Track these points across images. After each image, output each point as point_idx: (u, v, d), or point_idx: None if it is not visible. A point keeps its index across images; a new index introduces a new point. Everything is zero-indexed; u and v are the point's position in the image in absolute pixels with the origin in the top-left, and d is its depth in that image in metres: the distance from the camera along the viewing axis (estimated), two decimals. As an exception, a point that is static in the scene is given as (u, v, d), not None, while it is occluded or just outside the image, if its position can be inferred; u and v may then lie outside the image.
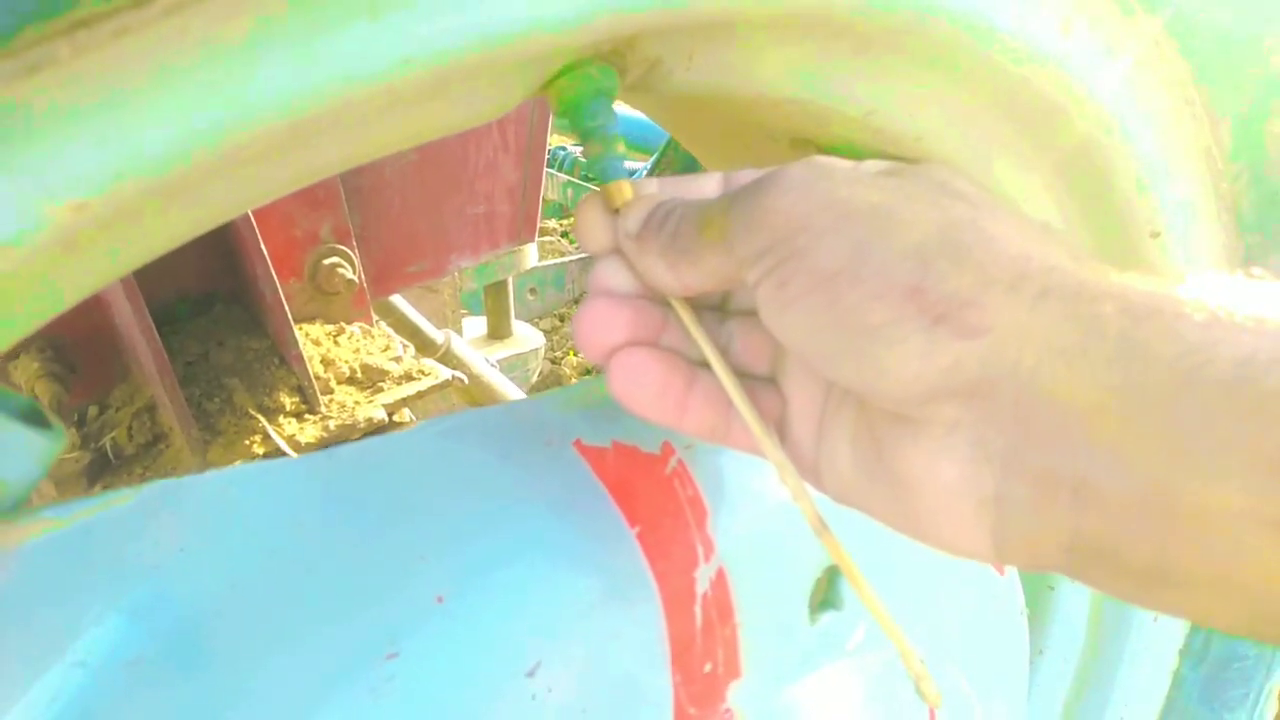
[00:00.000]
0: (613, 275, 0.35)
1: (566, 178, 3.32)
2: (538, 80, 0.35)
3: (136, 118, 0.20)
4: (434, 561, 0.35)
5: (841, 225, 0.28)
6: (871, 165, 0.34)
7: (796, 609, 0.44)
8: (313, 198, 0.89)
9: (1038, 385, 0.26)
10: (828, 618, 0.46)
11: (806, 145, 0.61)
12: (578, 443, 0.40)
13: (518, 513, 0.37)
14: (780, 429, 0.36)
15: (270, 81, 0.22)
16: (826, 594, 0.47)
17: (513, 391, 1.33)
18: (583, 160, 3.35)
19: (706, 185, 0.36)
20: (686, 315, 0.35)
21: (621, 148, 0.37)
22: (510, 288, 1.82)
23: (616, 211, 0.36)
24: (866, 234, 0.28)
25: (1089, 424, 0.25)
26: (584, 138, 0.37)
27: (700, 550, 0.40)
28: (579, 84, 0.36)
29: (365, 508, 0.36)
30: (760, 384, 0.36)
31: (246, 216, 0.77)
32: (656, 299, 0.35)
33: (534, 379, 1.95)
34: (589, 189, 3.24)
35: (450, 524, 0.36)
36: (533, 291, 2.70)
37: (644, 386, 0.34)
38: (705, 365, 0.35)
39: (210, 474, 0.35)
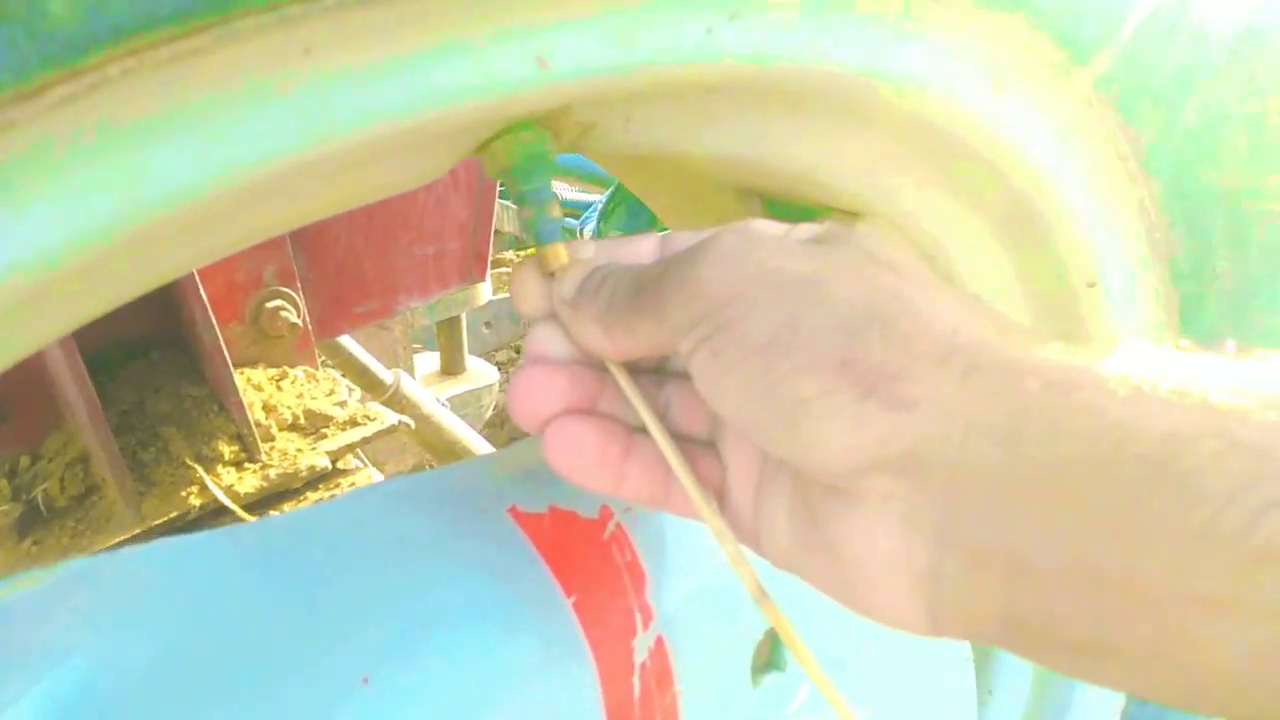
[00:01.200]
0: (548, 341, 0.35)
1: (523, 210, 3.30)
2: (471, 145, 0.35)
3: (20, 212, 0.19)
4: (360, 638, 0.34)
5: (772, 296, 0.28)
6: (803, 231, 0.34)
7: (738, 672, 0.43)
8: (256, 240, 0.88)
9: (966, 460, 0.26)
10: (770, 679, 0.45)
11: (751, 196, 0.62)
12: (513, 509, 0.39)
13: (449, 584, 0.36)
14: (719, 494, 0.35)
15: (169, 168, 0.21)
16: (770, 656, 0.46)
17: (464, 431, 1.31)
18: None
19: (643, 248, 0.36)
20: (624, 380, 0.34)
21: (557, 210, 0.37)
22: (464, 323, 1.81)
23: (552, 275, 0.35)
24: (796, 305, 0.28)
25: (1017, 499, 0.25)
26: (518, 201, 0.36)
27: (639, 618, 0.39)
28: (513, 148, 0.35)
29: (290, 583, 0.34)
30: (699, 448, 0.36)
31: (185, 261, 0.75)
32: (593, 363, 0.35)
33: (488, 414, 1.93)
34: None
35: (379, 599, 0.35)
36: (488, 325, 2.69)
37: (579, 455, 0.33)
38: (643, 430, 0.35)
39: (125, 551, 0.34)
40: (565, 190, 3.30)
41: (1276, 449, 0.22)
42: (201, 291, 0.77)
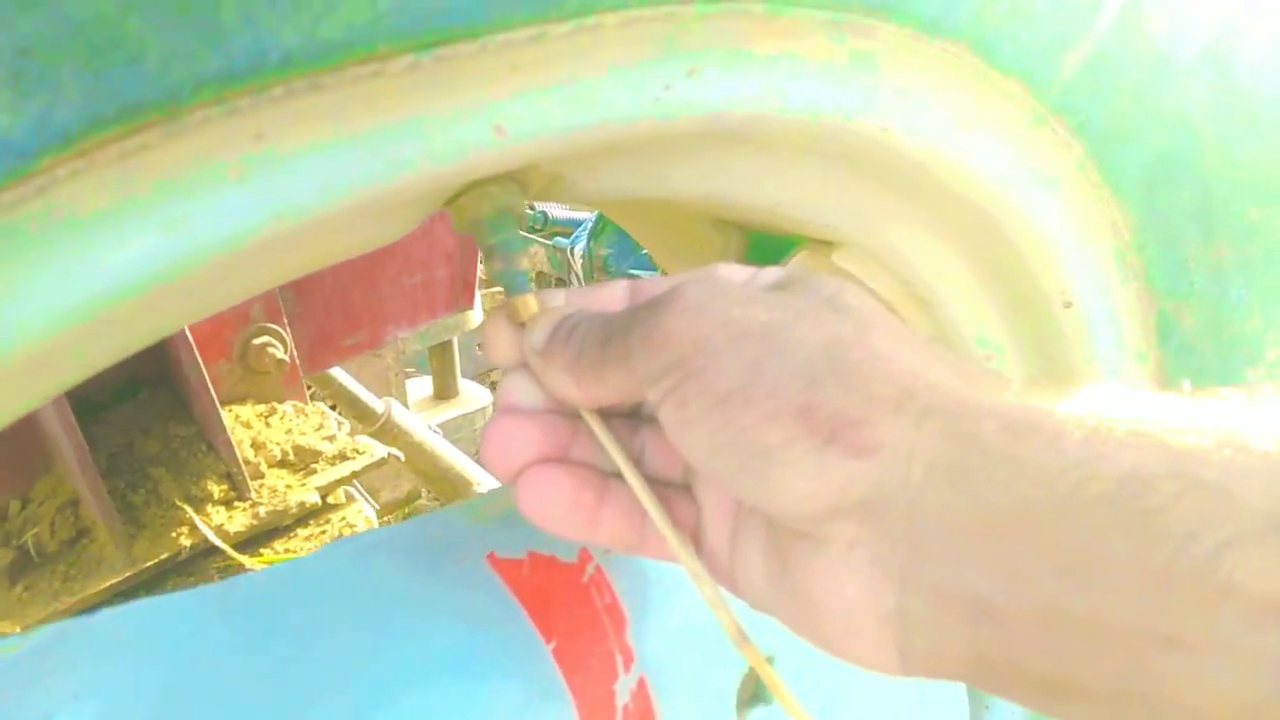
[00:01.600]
0: (519, 390, 0.35)
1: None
2: (438, 201, 0.36)
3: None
4: (340, 693, 0.34)
5: (735, 346, 0.29)
6: (767, 277, 0.34)
7: (724, 709, 0.44)
8: (241, 277, 0.88)
9: (926, 503, 0.27)
10: (757, 713, 0.45)
11: (728, 227, 0.62)
12: (491, 556, 0.39)
13: (427, 637, 0.36)
14: (695, 537, 0.36)
15: (117, 259, 0.22)
16: (756, 689, 0.47)
17: (457, 457, 1.31)
18: (529, 213, 3.36)
19: (614, 295, 0.37)
20: (597, 426, 0.35)
21: (525, 262, 0.37)
22: (455, 347, 1.81)
23: (522, 325, 0.36)
24: (758, 354, 0.29)
25: (977, 541, 0.26)
26: (486, 254, 0.37)
27: (619, 660, 0.39)
28: (480, 203, 0.36)
29: (268, 639, 0.35)
30: (674, 491, 0.36)
31: (170, 303, 0.76)
32: (566, 411, 0.35)
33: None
34: (535, 241, 3.25)
35: (358, 652, 0.35)
36: (480, 346, 2.69)
37: (553, 504, 0.34)
38: (618, 475, 0.35)
39: (103, 613, 0.34)
40: (555, 209, 3.31)
41: (1235, 487, 0.23)
42: (187, 331, 0.77)
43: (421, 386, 1.89)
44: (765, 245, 0.60)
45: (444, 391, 1.82)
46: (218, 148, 0.22)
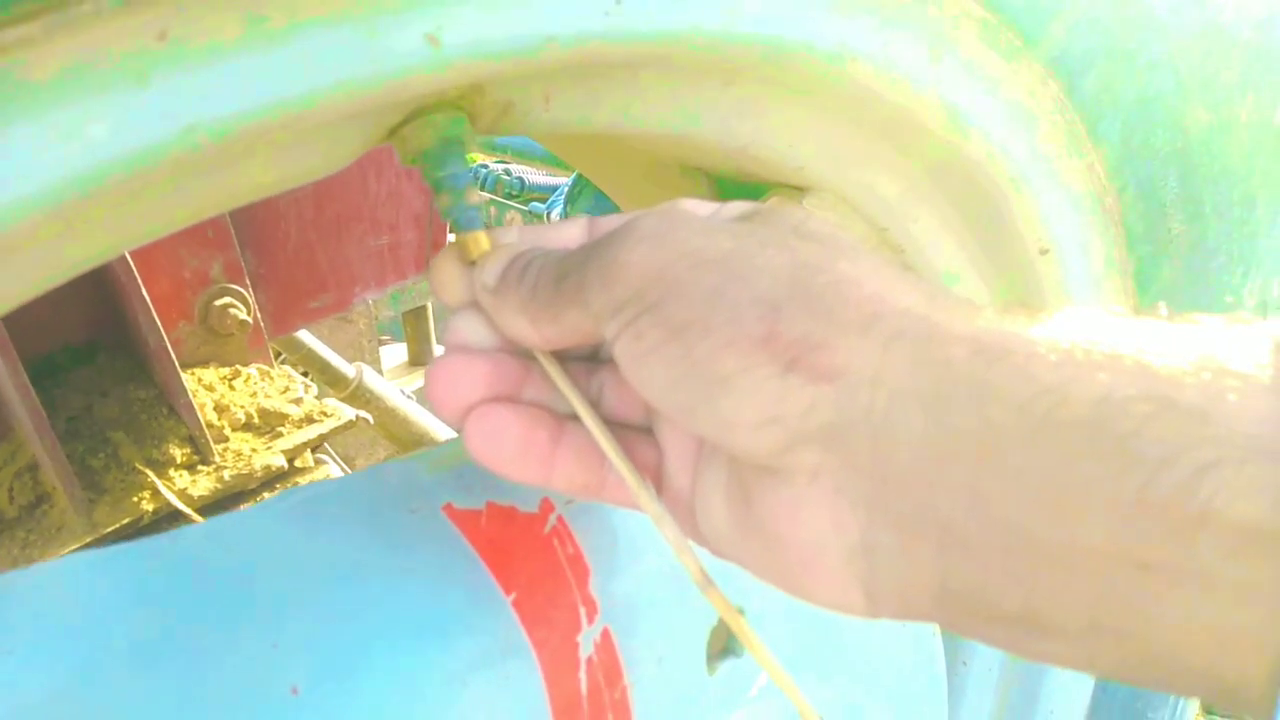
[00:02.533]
0: (469, 329, 0.34)
1: (488, 196, 3.29)
2: (380, 130, 0.34)
3: None
4: (287, 648, 0.32)
5: (694, 275, 0.28)
6: (730, 210, 0.33)
7: (693, 661, 0.42)
8: (201, 236, 0.86)
9: (892, 430, 0.25)
10: (727, 665, 0.44)
11: (697, 174, 0.60)
12: (448, 507, 0.38)
13: (381, 588, 0.35)
14: (657, 481, 0.34)
15: (25, 167, 0.20)
16: (726, 642, 0.46)
17: (431, 423, 1.30)
18: (505, 179, 3.32)
19: (570, 232, 0.35)
20: (552, 367, 0.33)
21: (475, 196, 0.35)
22: (430, 312, 1.79)
23: (473, 263, 0.34)
24: (718, 282, 0.27)
25: (945, 468, 0.25)
26: (434, 188, 0.35)
27: (583, 612, 0.38)
28: (425, 133, 0.34)
29: (212, 594, 0.33)
30: (635, 435, 0.34)
31: (124, 259, 0.73)
32: (518, 352, 0.34)
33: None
34: (512, 207, 3.21)
35: (306, 606, 0.33)
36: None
37: (504, 445, 0.32)
38: (574, 418, 0.33)
39: (37, 567, 0.33)
40: (531, 174, 3.27)
41: (1212, 410, 0.21)
42: (144, 291, 0.75)
43: (395, 355, 1.87)
44: (735, 194, 0.59)
45: (419, 358, 1.80)
46: (115, 43, 0.20)
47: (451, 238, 0.36)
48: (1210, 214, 0.65)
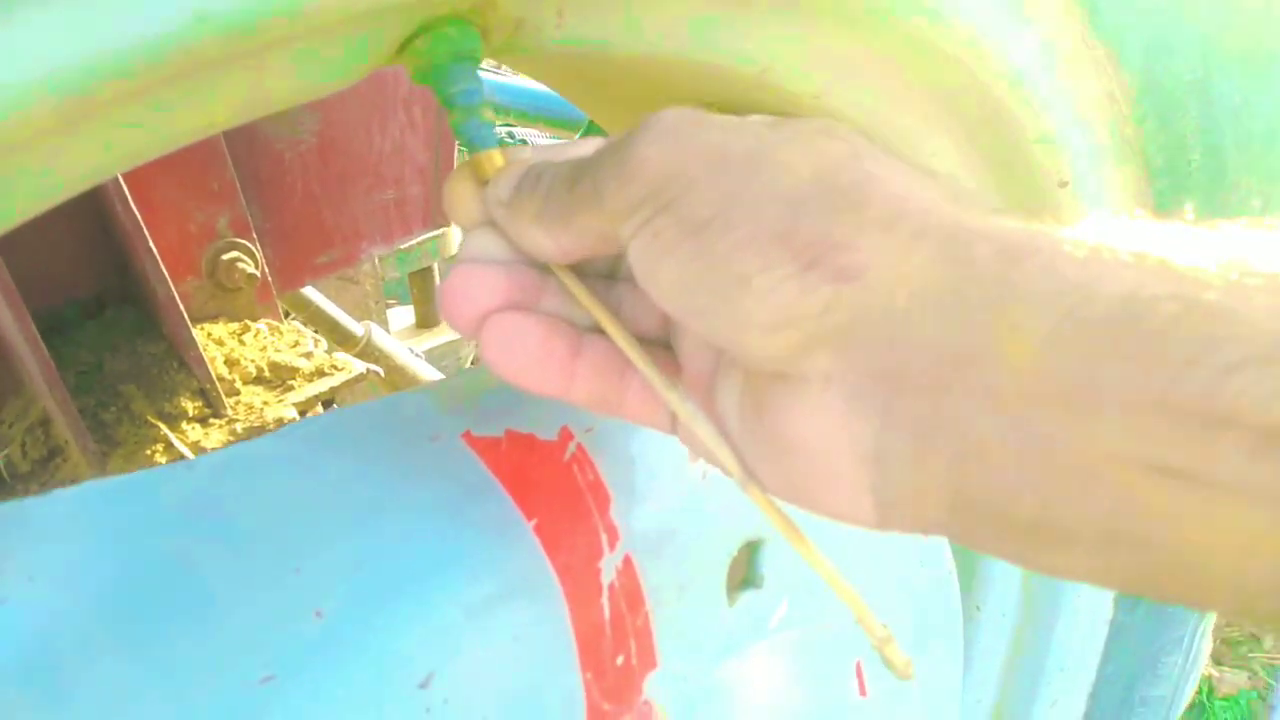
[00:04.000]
0: (484, 244, 0.33)
1: (493, 159, 3.26)
2: (390, 44, 0.33)
3: None
4: (309, 573, 0.32)
5: (714, 172, 0.27)
6: (755, 118, 0.32)
7: (713, 591, 0.42)
8: (207, 190, 0.85)
9: (910, 330, 0.25)
10: (747, 597, 0.44)
11: (712, 110, 0.59)
12: (467, 434, 0.37)
13: (401, 514, 0.34)
14: None
15: (39, 56, 0.19)
16: (746, 573, 0.45)
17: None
18: (510, 142, 3.29)
19: (585, 150, 0.34)
20: (569, 279, 0.32)
21: (490, 114, 0.35)
22: (436, 274, 1.78)
23: (486, 182, 0.33)
24: (739, 180, 0.26)
25: (963, 369, 0.24)
26: (446, 105, 0.34)
27: (604, 539, 0.38)
28: (436, 47, 0.33)
29: (231, 520, 0.33)
30: (653, 348, 0.33)
31: (130, 211, 0.73)
32: (535, 266, 0.33)
33: (468, 365, 1.91)
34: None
35: (326, 532, 0.33)
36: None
37: (522, 351, 0.31)
38: (593, 331, 0.32)
39: (57, 493, 0.32)
40: (536, 137, 3.25)
41: (1238, 310, 0.21)
42: (151, 244, 0.74)
43: (404, 316, 1.86)
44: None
45: (426, 320, 1.79)
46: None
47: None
48: (1230, 147, 0.63)
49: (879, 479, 0.26)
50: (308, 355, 0.86)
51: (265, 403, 0.80)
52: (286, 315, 1.12)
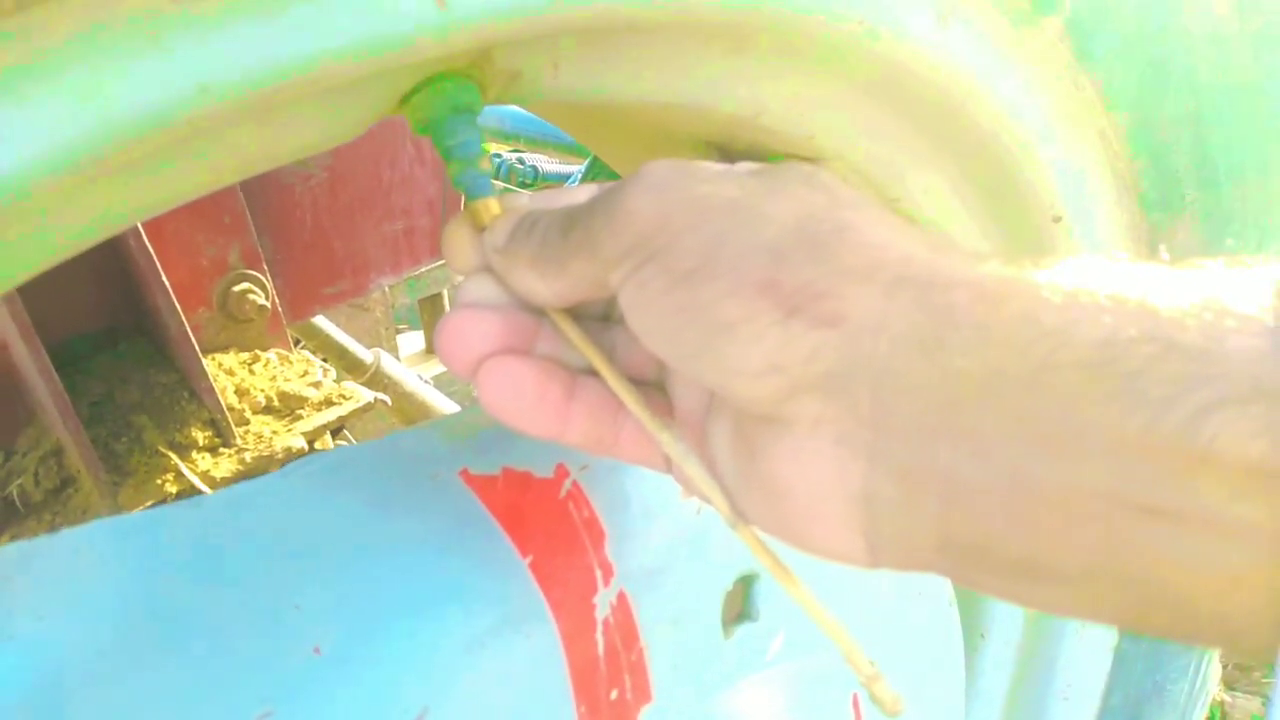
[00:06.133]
0: (481, 289, 0.34)
1: (503, 185, 3.29)
2: (390, 99, 0.34)
3: None
4: (309, 610, 0.33)
5: (699, 222, 0.28)
6: (742, 167, 0.33)
7: (709, 625, 0.43)
8: (218, 223, 0.87)
9: (894, 375, 0.25)
10: (744, 630, 0.45)
11: (708, 148, 0.60)
12: (464, 473, 0.38)
13: (399, 552, 0.35)
14: None
15: (41, 128, 0.20)
16: (742, 606, 0.46)
17: (449, 407, 1.30)
18: (519, 168, 3.32)
19: (579, 197, 0.35)
20: (564, 322, 0.33)
21: (487, 164, 0.36)
22: (446, 300, 1.80)
23: (484, 229, 0.34)
24: (723, 230, 0.27)
25: (947, 414, 0.25)
26: (445, 156, 0.35)
27: (599, 575, 0.38)
28: (435, 101, 0.34)
29: (234, 558, 0.34)
30: (647, 389, 0.34)
31: (143, 245, 0.74)
32: (530, 310, 0.34)
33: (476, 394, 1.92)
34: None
35: (326, 570, 0.34)
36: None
37: (518, 395, 0.32)
38: (587, 374, 0.33)
39: (65, 533, 0.33)
40: (544, 162, 3.27)
41: (1214, 350, 0.21)
42: (163, 277, 0.76)
43: (413, 342, 1.88)
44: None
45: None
46: (128, 4, 0.20)
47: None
48: (1224, 180, 0.64)
49: (868, 521, 0.27)
50: (316, 385, 0.87)
51: (275, 432, 0.81)
52: (296, 343, 1.13)
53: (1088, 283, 0.24)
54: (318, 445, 0.85)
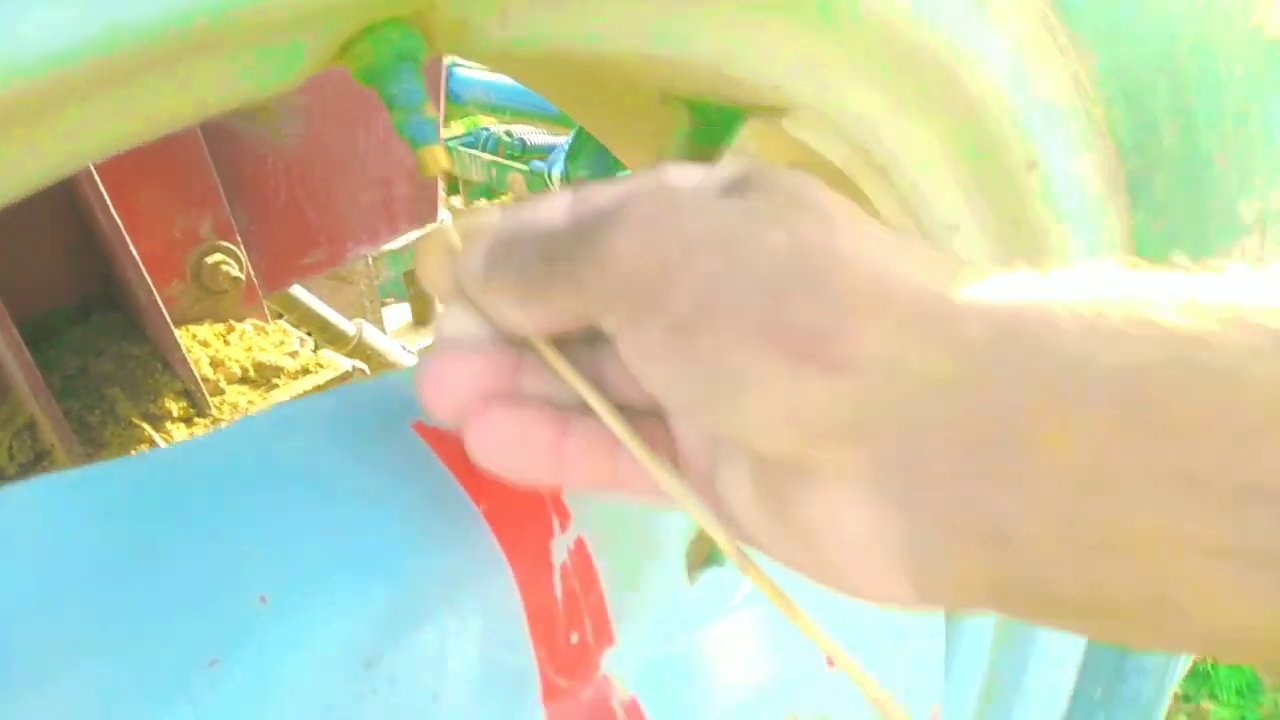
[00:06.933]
0: (459, 323, 0.31)
1: (490, 158, 3.28)
2: (330, 47, 0.33)
3: None
4: (256, 559, 0.33)
5: (690, 261, 0.26)
6: (720, 174, 0.30)
7: (672, 569, 0.43)
8: (189, 194, 0.86)
9: (918, 419, 0.24)
10: (710, 575, 0.45)
11: (675, 102, 0.60)
12: (418, 424, 0.38)
13: (350, 502, 0.35)
14: (673, 463, 0.31)
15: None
16: (710, 554, 0.46)
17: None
18: (506, 140, 3.30)
19: (554, 208, 0.32)
20: (550, 354, 0.31)
21: (431, 110, 0.35)
22: (431, 273, 1.79)
23: (457, 249, 0.31)
24: (717, 268, 0.26)
25: (978, 458, 0.23)
26: (388, 104, 0.35)
27: (555, 520, 0.38)
28: (377, 49, 0.34)
29: (180, 509, 0.34)
30: (643, 418, 0.31)
31: (112, 219, 0.74)
32: (513, 341, 0.32)
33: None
34: (515, 168, 3.19)
35: (274, 519, 0.34)
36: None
37: (506, 451, 0.30)
38: (579, 407, 0.31)
39: (11, 486, 0.33)
40: (531, 134, 3.26)
41: (1243, 372, 0.20)
42: (132, 249, 0.75)
43: (399, 315, 1.87)
44: (713, 121, 0.58)
45: (423, 317, 1.80)
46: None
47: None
48: (1202, 125, 0.63)
49: (914, 569, 0.26)
50: (293, 354, 0.87)
51: (250, 402, 0.81)
52: (279, 317, 1.13)
53: (1103, 304, 0.23)
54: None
